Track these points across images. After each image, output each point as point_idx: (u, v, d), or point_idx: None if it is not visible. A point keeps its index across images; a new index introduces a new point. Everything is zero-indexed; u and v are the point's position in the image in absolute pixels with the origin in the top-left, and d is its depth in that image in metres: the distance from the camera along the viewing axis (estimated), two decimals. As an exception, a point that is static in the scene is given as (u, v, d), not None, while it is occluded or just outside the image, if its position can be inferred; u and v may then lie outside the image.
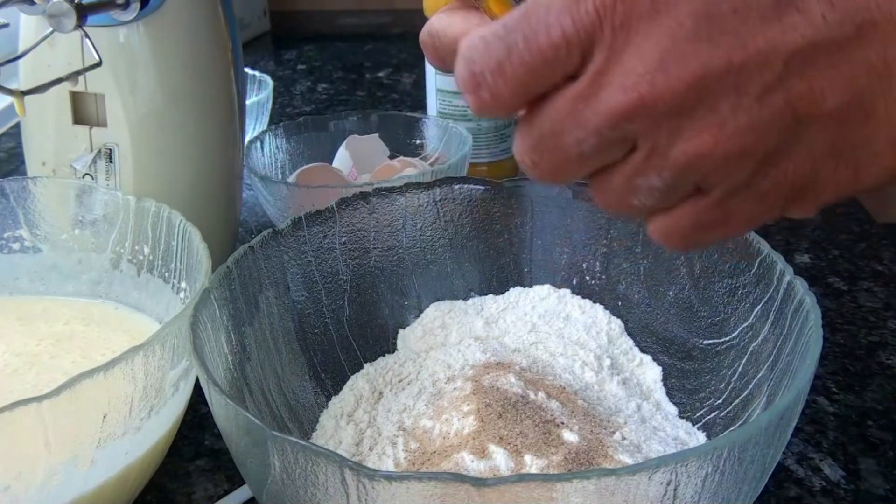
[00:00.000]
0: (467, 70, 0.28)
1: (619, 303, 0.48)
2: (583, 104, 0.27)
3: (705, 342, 0.44)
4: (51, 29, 0.45)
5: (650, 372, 0.45)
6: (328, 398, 0.45)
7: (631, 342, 0.47)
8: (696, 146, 0.27)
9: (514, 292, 0.49)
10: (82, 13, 0.44)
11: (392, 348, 0.48)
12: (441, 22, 0.34)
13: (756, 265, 0.41)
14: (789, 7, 0.25)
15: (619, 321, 0.47)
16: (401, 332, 0.49)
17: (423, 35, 0.35)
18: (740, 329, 0.42)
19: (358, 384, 0.45)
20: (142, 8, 0.49)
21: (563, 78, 0.27)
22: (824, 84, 0.26)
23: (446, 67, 0.35)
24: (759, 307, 0.41)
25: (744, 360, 0.41)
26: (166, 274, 0.48)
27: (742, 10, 0.25)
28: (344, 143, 0.70)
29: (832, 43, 0.25)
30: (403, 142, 0.73)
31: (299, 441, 0.29)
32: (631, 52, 0.26)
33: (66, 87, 0.49)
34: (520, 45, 0.27)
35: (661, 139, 0.27)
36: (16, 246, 0.52)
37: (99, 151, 0.52)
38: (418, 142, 0.73)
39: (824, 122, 0.26)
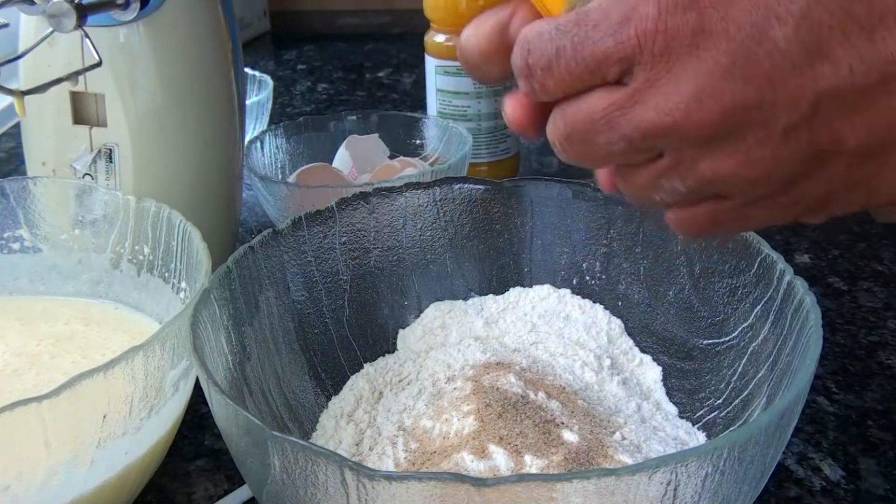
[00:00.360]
0: (522, 59, 0.31)
1: (619, 303, 0.48)
2: (618, 113, 0.29)
3: (705, 342, 0.44)
4: (51, 29, 0.45)
5: (650, 372, 0.45)
6: (328, 398, 0.44)
7: (631, 342, 0.47)
8: (720, 167, 0.29)
9: (514, 292, 0.49)
10: (82, 13, 0.44)
11: (392, 348, 0.48)
12: (467, 34, 0.37)
13: (756, 265, 0.41)
14: (819, 57, 0.27)
15: (619, 321, 0.47)
16: (401, 332, 0.49)
17: (459, 58, 0.37)
18: (740, 329, 0.42)
19: (358, 384, 0.45)
20: (142, 8, 0.49)
21: (602, 84, 0.29)
22: (846, 127, 0.28)
23: (481, 78, 0.37)
24: (759, 307, 0.41)
25: (744, 360, 0.41)
26: (166, 274, 0.48)
27: (776, 55, 0.27)
28: (344, 143, 0.70)
29: (857, 91, 0.27)
30: (403, 142, 0.73)
31: (299, 441, 0.29)
32: (669, 79, 0.28)
33: (66, 87, 0.49)
34: (567, 51, 0.29)
35: (688, 156, 0.29)
36: (16, 246, 0.52)
37: (99, 151, 0.52)
38: (418, 142, 0.73)
39: (843, 158, 0.28)
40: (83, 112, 0.52)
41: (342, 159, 0.69)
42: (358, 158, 0.69)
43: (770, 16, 0.27)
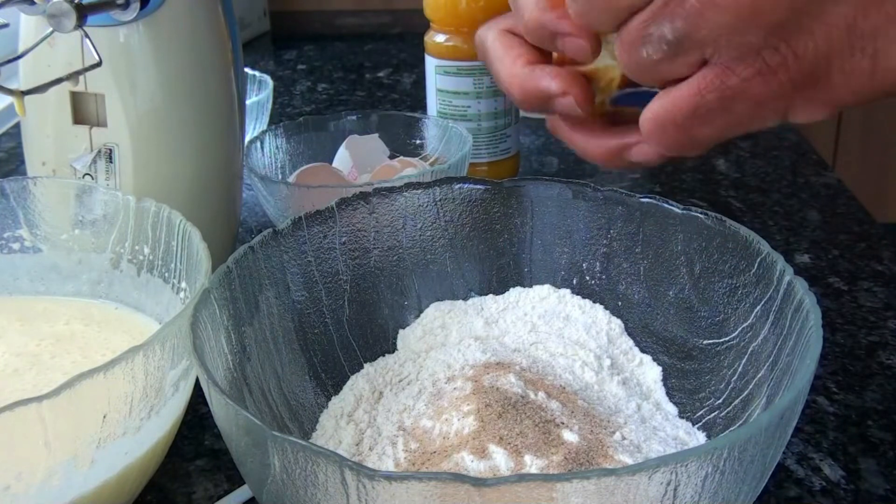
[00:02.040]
0: None
1: (619, 303, 0.48)
2: None
3: (705, 342, 0.44)
4: (51, 29, 0.45)
5: (650, 372, 0.45)
6: (328, 398, 0.45)
7: (631, 342, 0.47)
8: None
9: (514, 292, 0.49)
10: (82, 13, 0.44)
11: (392, 348, 0.48)
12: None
13: (756, 265, 0.41)
14: None
15: (619, 321, 0.47)
16: (401, 332, 0.49)
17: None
18: (740, 329, 0.42)
19: (358, 384, 0.45)
20: (142, 8, 0.49)
21: None
22: None
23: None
24: (759, 307, 0.41)
25: (744, 360, 0.41)
26: (166, 274, 0.48)
27: None
28: (344, 143, 0.70)
29: None
30: (403, 142, 0.73)
31: (299, 441, 0.29)
32: None
33: (66, 87, 0.49)
34: None
35: None
36: (16, 246, 0.52)
37: (99, 151, 0.52)
38: (418, 142, 0.73)
39: (846, 1, 0.25)
40: (83, 112, 0.52)
41: (342, 159, 0.69)
42: (358, 158, 0.69)
43: None
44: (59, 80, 0.46)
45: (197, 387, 0.39)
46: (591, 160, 0.38)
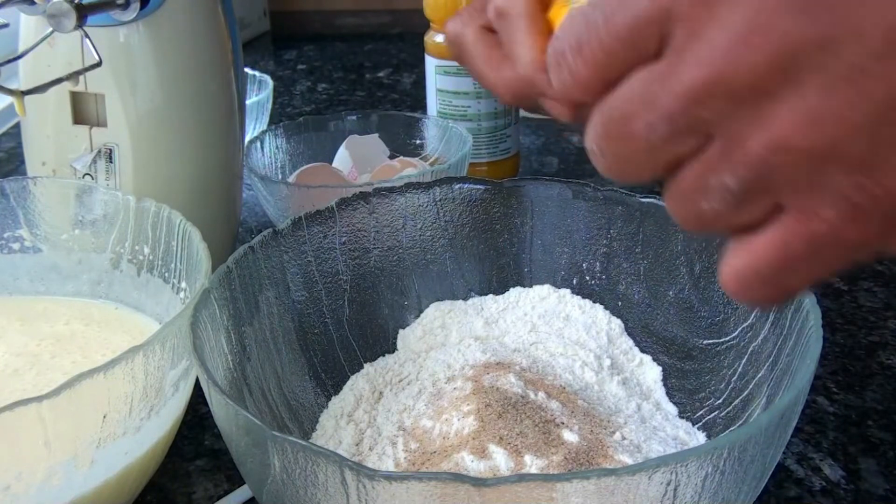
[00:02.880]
0: (552, 47, 0.27)
1: (619, 303, 0.48)
2: (658, 85, 0.24)
3: (705, 342, 0.44)
4: (51, 29, 0.45)
5: (650, 372, 0.45)
6: (328, 398, 0.45)
7: (631, 342, 0.47)
8: (775, 134, 0.23)
9: (514, 292, 0.49)
10: (82, 13, 0.44)
11: (392, 348, 0.48)
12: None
13: (756, 265, 0.41)
14: None
15: (619, 321, 0.47)
16: (401, 332, 0.49)
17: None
18: (740, 329, 0.42)
19: (358, 384, 0.45)
20: (142, 8, 0.49)
21: (643, 60, 0.25)
22: None
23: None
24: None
25: (744, 360, 0.41)
26: (166, 274, 0.48)
27: None
28: (344, 143, 0.70)
29: None
30: (403, 142, 0.73)
31: (299, 441, 0.29)
32: (713, 25, 0.23)
33: (66, 87, 0.49)
34: (598, 24, 0.25)
35: (738, 127, 0.24)
36: (16, 246, 0.52)
37: (99, 151, 0.52)
38: (418, 142, 0.73)
39: None
40: (83, 112, 0.52)
41: (342, 159, 0.69)
42: (358, 158, 0.69)
43: None
44: (59, 80, 0.46)
45: (197, 387, 0.39)
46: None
